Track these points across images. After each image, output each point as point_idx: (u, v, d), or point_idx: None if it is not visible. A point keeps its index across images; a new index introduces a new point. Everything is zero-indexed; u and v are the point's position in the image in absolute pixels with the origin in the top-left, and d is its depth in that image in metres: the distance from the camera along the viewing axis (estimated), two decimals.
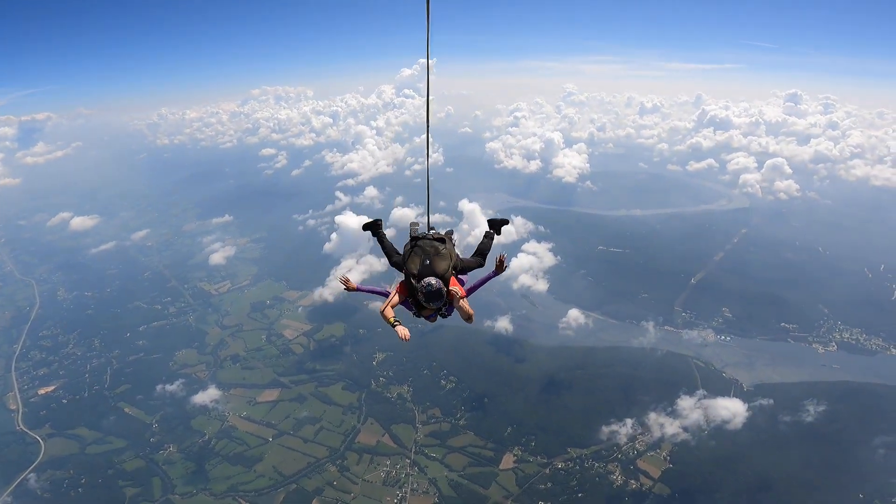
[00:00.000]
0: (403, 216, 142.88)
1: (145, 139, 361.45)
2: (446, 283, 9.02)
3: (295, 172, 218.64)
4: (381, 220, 11.20)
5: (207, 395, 75.30)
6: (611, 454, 63.92)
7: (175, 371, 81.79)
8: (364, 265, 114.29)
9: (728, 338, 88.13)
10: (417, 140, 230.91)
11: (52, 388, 79.26)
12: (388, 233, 11.07)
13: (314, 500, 59.51)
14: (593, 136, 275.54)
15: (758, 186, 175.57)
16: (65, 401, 76.64)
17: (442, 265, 9.13)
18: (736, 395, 71.76)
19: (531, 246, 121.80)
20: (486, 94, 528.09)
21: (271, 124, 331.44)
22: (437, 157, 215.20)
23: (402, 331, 8.75)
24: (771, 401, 69.58)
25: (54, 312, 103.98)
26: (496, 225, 11.11)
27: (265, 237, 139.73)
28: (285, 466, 63.90)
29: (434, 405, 72.64)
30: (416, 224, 10.34)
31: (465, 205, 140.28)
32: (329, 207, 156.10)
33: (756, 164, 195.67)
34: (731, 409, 68.51)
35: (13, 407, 76.08)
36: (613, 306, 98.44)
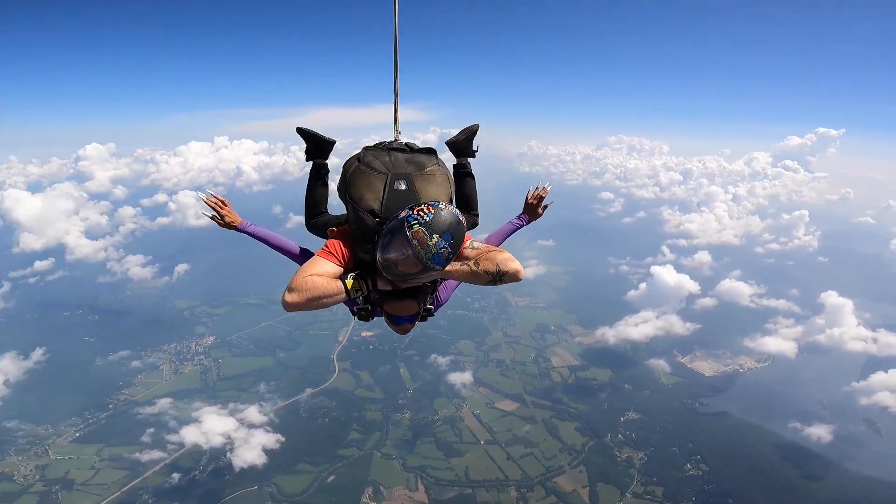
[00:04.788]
0: (733, 289, 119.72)
1: (512, 164, 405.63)
2: None
3: (626, 220, 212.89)
4: (333, 142, 5.48)
5: (460, 378, 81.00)
6: None
7: (450, 352, 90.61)
8: (663, 322, 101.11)
9: None
10: (786, 217, 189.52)
11: (371, 333, 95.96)
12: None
13: None
14: None
15: None
16: (371, 346, 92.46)
17: (431, 192, 4.40)
18: None
19: None
20: None
21: (618, 171, 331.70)
22: (809, 239, 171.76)
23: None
24: None
25: None
26: (463, 143, 5.78)
27: (574, 270, 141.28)
28: (475, 471, 62.16)
29: (661, 484, 58.42)
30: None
31: (831, 297, 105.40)
32: (649, 259, 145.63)
33: None
34: None
35: (341, 338, 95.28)
36: None
